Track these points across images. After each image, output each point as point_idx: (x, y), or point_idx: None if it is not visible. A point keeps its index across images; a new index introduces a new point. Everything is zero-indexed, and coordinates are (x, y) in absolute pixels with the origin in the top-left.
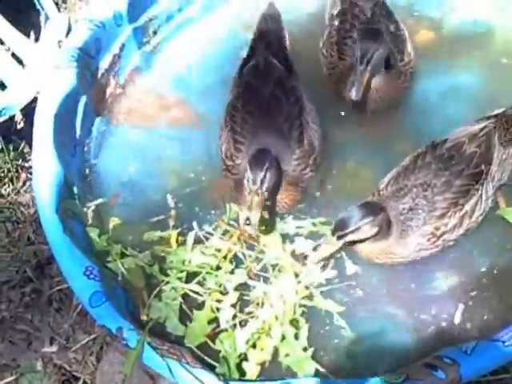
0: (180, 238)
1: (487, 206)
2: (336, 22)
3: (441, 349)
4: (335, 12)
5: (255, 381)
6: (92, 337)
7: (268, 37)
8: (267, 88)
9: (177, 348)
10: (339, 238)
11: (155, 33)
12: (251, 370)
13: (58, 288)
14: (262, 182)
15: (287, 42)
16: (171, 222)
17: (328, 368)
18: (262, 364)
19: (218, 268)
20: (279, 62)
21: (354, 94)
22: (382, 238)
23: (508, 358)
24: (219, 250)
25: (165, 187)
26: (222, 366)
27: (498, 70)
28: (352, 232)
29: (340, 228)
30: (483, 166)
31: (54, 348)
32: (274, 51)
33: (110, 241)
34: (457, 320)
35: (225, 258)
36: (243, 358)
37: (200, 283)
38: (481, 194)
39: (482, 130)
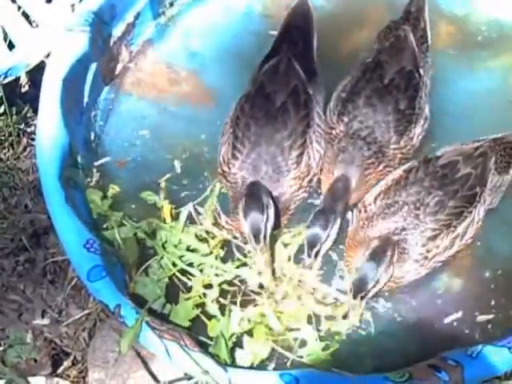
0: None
1: (477, 229)
2: (355, 74)
3: (445, 350)
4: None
5: (253, 368)
6: (85, 312)
7: (293, 35)
8: (280, 96)
9: (176, 330)
10: (362, 298)
11: (171, 4)
12: (246, 357)
13: (54, 259)
14: (265, 236)
15: (315, 44)
16: (162, 194)
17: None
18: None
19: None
20: (302, 64)
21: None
22: None
23: None
24: (213, 237)
25: (169, 161)
26: (215, 346)
27: None
28: (373, 288)
29: (360, 289)
30: (478, 189)
31: (46, 321)
32: (298, 51)
33: (111, 207)
34: (461, 322)
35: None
36: (237, 342)
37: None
38: (473, 218)
39: (476, 149)
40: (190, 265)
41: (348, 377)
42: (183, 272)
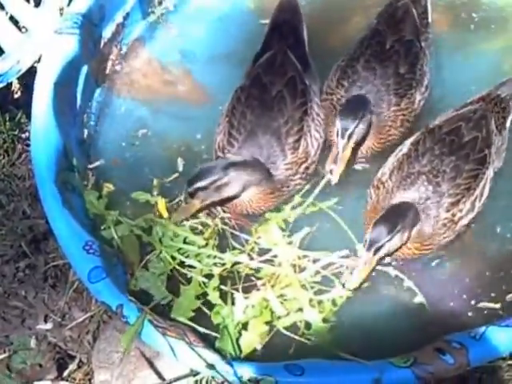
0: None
1: (488, 190)
2: (352, 47)
3: (449, 333)
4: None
5: (258, 361)
6: (88, 315)
7: (282, 28)
8: (276, 86)
9: (179, 326)
10: (375, 252)
11: (160, 3)
12: (251, 340)
13: (54, 264)
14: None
15: (305, 36)
16: (155, 192)
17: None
18: (262, 339)
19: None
20: (295, 57)
21: (333, 179)
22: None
23: None
24: (207, 228)
25: (163, 161)
26: (222, 340)
27: None
28: (387, 242)
29: (374, 242)
30: (486, 150)
31: (49, 325)
32: (290, 45)
33: (107, 207)
34: (465, 304)
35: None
36: (242, 329)
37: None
38: (486, 178)
39: (475, 113)
40: (188, 257)
41: (352, 364)
42: (182, 265)
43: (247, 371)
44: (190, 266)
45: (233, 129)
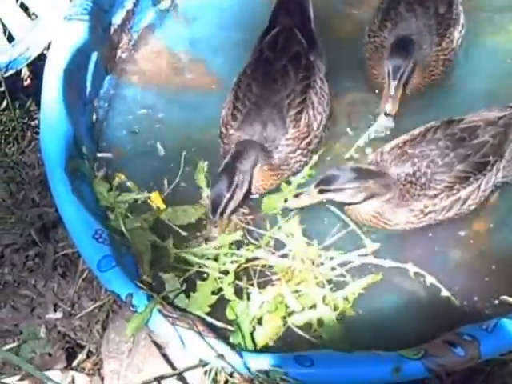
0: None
1: (483, 197)
2: None
3: (459, 325)
4: None
5: (268, 352)
6: (98, 304)
7: (288, 5)
8: (281, 61)
9: (189, 317)
10: (320, 192)
11: None
12: (265, 335)
13: (63, 252)
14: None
15: (311, 13)
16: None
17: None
18: (277, 333)
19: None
20: (301, 34)
21: (389, 111)
22: (379, 202)
23: None
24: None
25: (174, 149)
26: (236, 335)
27: None
28: (334, 191)
29: (324, 183)
30: (491, 158)
31: (59, 315)
32: (296, 22)
33: (117, 199)
34: (483, 298)
35: None
36: (257, 323)
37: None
38: (479, 185)
39: (500, 118)
40: (203, 257)
41: (362, 355)
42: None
43: (256, 362)
44: (206, 266)
45: (238, 101)
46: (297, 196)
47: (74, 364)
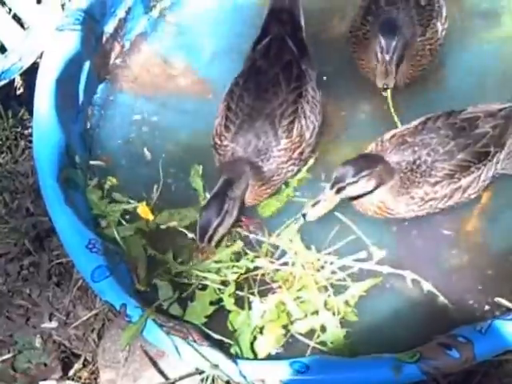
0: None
1: (483, 187)
2: None
3: (455, 328)
4: None
5: (264, 359)
6: (93, 313)
7: (280, 14)
8: (273, 70)
9: (183, 326)
10: (338, 191)
11: None
12: (267, 344)
13: (58, 261)
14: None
15: (302, 22)
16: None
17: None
18: (278, 342)
19: None
20: (293, 43)
21: (386, 85)
22: (383, 190)
23: None
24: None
25: (166, 158)
26: (237, 345)
27: None
28: (349, 185)
29: (338, 181)
30: (492, 148)
31: (54, 324)
32: (287, 31)
33: (108, 206)
34: (471, 297)
35: None
36: (257, 333)
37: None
38: (480, 174)
39: (500, 110)
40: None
41: (357, 360)
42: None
43: (252, 370)
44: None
45: (230, 112)
46: (314, 205)
47: (70, 374)
